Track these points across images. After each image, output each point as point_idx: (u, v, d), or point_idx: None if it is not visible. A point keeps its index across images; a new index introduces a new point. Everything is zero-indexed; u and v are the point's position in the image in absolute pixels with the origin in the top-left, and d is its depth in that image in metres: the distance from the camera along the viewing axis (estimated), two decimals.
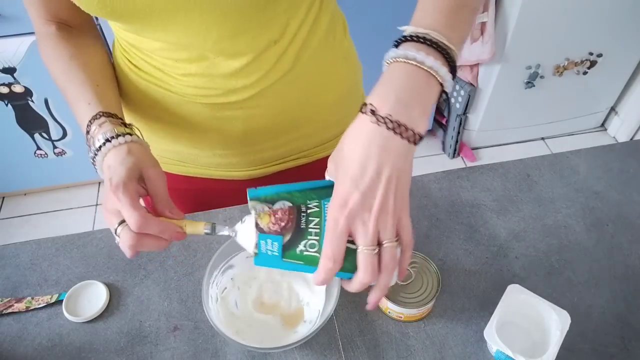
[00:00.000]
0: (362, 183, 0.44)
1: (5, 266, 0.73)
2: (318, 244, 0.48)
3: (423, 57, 0.45)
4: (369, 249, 0.45)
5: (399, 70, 0.45)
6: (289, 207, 0.50)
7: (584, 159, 0.83)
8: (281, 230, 0.49)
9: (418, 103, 0.44)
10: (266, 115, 0.68)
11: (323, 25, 0.67)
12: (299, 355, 0.62)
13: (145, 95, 0.68)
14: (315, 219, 0.49)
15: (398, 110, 0.44)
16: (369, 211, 0.44)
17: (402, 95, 0.44)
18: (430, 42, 0.46)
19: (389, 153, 0.44)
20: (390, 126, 0.43)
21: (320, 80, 0.70)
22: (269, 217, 0.50)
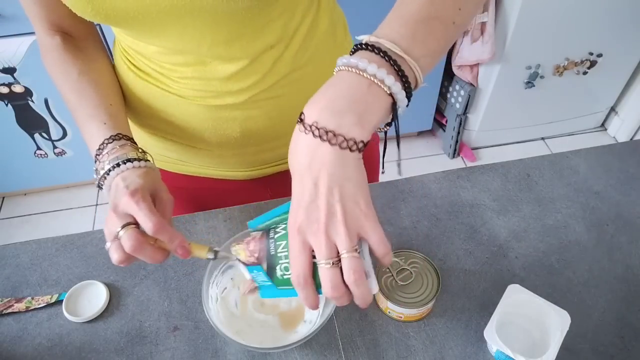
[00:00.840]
0: (302, 200, 0.43)
1: (5, 266, 0.73)
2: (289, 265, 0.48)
3: (365, 65, 0.43)
4: (324, 263, 0.43)
5: (340, 78, 0.44)
6: (260, 236, 0.51)
7: (584, 159, 0.83)
8: (257, 260, 0.50)
9: (352, 110, 0.42)
10: (264, 117, 0.68)
11: (322, 28, 0.67)
12: (299, 355, 0.62)
13: (144, 94, 0.68)
14: (282, 242, 0.49)
15: (325, 117, 0.42)
16: (317, 224, 0.42)
17: (332, 102, 0.43)
18: (378, 50, 0.44)
19: (321, 162, 0.42)
20: (317, 134, 0.42)
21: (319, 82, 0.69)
22: (244, 251, 0.51)
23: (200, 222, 0.77)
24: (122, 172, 0.55)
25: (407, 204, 0.78)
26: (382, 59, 0.43)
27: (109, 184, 0.55)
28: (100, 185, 0.57)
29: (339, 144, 0.42)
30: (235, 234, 0.64)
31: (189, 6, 0.53)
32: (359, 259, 0.43)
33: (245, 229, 0.64)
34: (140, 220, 0.51)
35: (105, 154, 0.57)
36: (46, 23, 0.64)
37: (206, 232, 0.75)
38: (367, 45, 0.44)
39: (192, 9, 0.54)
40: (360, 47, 0.45)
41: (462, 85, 1.93)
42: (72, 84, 0.63)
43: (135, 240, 0.51)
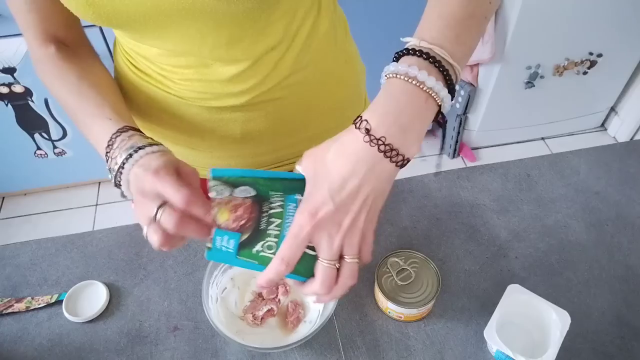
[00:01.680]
0: (338, 197, 0.43)
1: (5, 266, 0.73)
2: (276, 245, 0.47)
3: (424, 77, 0.43)
4: (330, 263, 0.44)
5: (398, 89, 0.44)
6: (251, 204, 0.48)
7: (584, 159, 0.83)
8: (239, 229, 0.47)
9: (415, 127, 0.43)
10: (264, 119, 0.68)
11: (322, 30, 0.66)
12: (299, 355, 0.62)
13: (144, 95, 0.68)
14: (277, 220, 0.48)
15: (393, 134, 0.42)
16: (338, 226, 0.43)
17: (400, 117, 0.43)
18: (432, 59, 0.44)
19: (374, 175, 0.43)
20: (382, 149, 0.42)
21: (320, 84, 0.70)
22: (228, 214, 0.47)
23: None
24: (137, 162, 0.51)
25: (407, 204, 0.78)
26: (438, 70, 0.44)
27: (127, 178, 0.52)
28: (117, 184, 0.53)
29: (396, 162, 0.43)
30: None
31: (191, 8, 0.53)
32: (357, 265, 0.45)
33: None
34: (169, 195, 0.47)
35: (116, 148, 0.54)
36: (39, 32, 0.63)
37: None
38: (421, 51, 0.44)
39: (194, 12, 0.54)
40: (412, 52, 0.45)
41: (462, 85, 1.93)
42: (70, 87, 0.62)
43: (176, 217, 0.46)
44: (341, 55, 0.72)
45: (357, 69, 0.77)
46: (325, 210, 0.43)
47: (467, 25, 0.47)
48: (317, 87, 0.69)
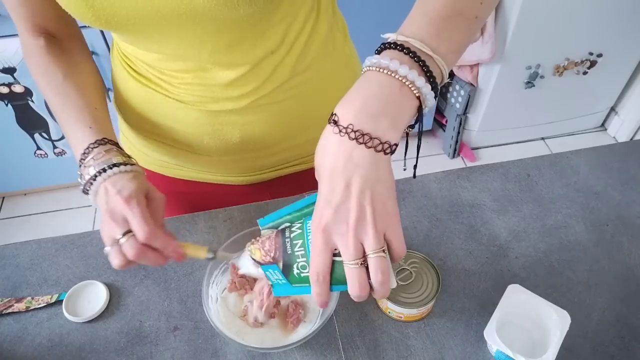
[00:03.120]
0: (333, 199, 0.43)
1: (5, 266, 0.73)
2: (307, 264, 0.48)
3: (396, 66, 0.42)
4: (353, 263, 0.43)
5: (370, 79, 0.43)
6: (275, 235, 0.51)
7: (584, 159, 0.83)
8: (273, 260, 0.50)
9: (386, 113, 0.42)
10: (263, 122, 0.68)
11: (321, 33, 0.66)
12: (299, 355, 0.62)
13: (143, 99, 0.68)
14: (299, 241, 0.49)
15: (361, 119, 0.42)
16: (346, 224, 0.43)
17: (367, 104, 0.42)
18: (407, 50, 0.44)
19: (355, 164, 0.42)
20: (353, 136, 0.42)
21: (319, 88, 0.70)
22: (259, 252, 0.51)
23: (200, 222, 0.77)
24: (109, 177, 0.55)
25: (407, 204, 0.78)
26: (412, 59, 0.43)
27: (96, 189, 0.56)
28: (85, 191, 0.57)
29: (374, 147, 0.42)
30: (236, 234, 0.64)
31: (191, 13, 0.53)
32: (385, 259, 0.43)
33: (245, 228, 0.64)
34: (134, 228, 0.52)
35: (91, 158, 0.57)
36: (30, 25, 0.63)
37: (206, 232, 0.75)
38: (396, 44, 0.44)
39: (194, 16, 0.54)
40: (388, 46, 0.45)
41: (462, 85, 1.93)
42: (56, 87, 0.63)
43: (137, 248, 0.52)
44: (340, 59, 0.72)
45: (357, 72, 0.77)
46: (327, 215, 0.43)
47: (454, 23, 0.46)
48: (316, 90, 0.69)
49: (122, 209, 0.53)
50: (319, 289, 0.46)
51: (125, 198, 0.53)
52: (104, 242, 0.55)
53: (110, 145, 0.59)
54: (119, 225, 0.53)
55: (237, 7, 0.53)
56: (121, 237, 0.52)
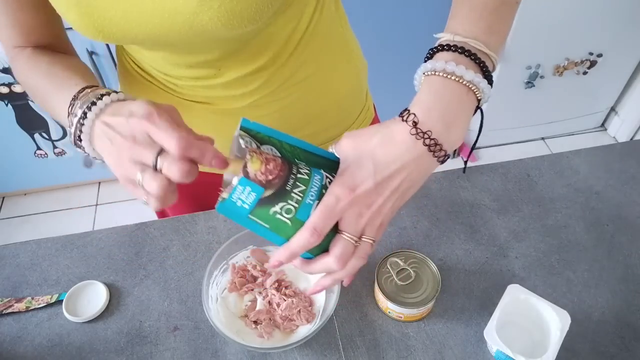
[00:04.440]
0: (380, 176, 0.44)
1: (5, 266, 0.73)
2: (295, 211, 0.45)
3: (463, 72, 0.44)
4: (352, 238, 0.45)
5: (440, 85, 0.44)
6: (281, 162, 0.45)
7: (584, 159, 0.83)
8: (265, 183, 0.44)
9: (459, 122, 0.44)
10: (265, 119, 0.68)
11: (324, 30, 0.67)
12: (299, 355, 0.62)
13: (147, 94, 0.69)
14: (302, 186, 0.45)
15: (439, 130, 0.43)
16: (368, 206, 0.45)
17: (445, 113, 0.44)
18: (468, 52, 0.44)
19: (417, 166, 0.44)
20: (427, 143, 0.43)
21: (321, 83, 0.70)
22: (259, 164, 0.44)
23: (200, 222, 0.77)
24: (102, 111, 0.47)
25: (407, 204, 0.77)
26: (474, 62, 0.44)
27: (89, 131, 0.47)
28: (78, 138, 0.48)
29: (438, 157, 0.44)
30: (236, 234, 0.64)
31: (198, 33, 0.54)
32: (371, 247, 0.47)
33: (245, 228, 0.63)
34: (165, 140, 0.43)
35: (77, 104, 0.49)
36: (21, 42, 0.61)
37: (206, 232, 0.75)
38: (455, 46, 0.45)
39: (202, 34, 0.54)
40: (446, 48, 0.45)
41: None
42: (41, 72, 0.58)
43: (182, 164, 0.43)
44: (342, 54, 0.72)
45: (359, 66, 0.77)
46: (365, 187, 0.44)
47: (500, 13, 0.47)
48: (318, 85, 0.70)
49: (145, 127, 0.44)
50: (302, 247, 0.44)
51: (146, 114, 0.44)
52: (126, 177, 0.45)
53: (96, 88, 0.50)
54: (147, 148, 0.43)
55: (243, 26, 0.53)
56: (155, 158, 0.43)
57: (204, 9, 0.50)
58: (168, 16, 0.52)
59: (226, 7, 0.50)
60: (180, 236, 0.75)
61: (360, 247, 0.46)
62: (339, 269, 0.46)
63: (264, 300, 0.64)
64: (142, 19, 0.53)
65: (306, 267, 0.48)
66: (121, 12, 0.52)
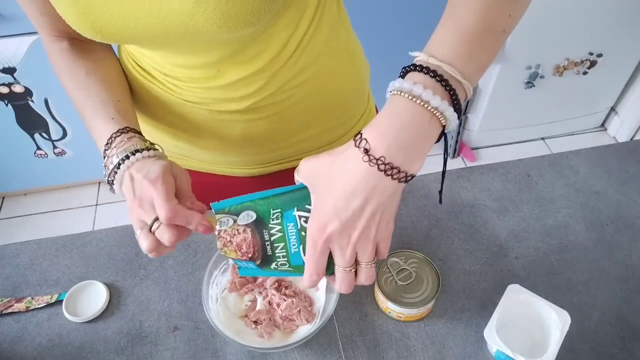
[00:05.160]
0: (344, 214, 0.44)
1: (5, 266, 0.73)
2: (287, 263, 0.51)
3: (429, 97, 0.42)
4: (345, 270, 0.47)
5: (401, 107, 0.43)
6: (252, 236, 0.51)
7: (584, 159, 0.83)
8: (250, 259, 0.51)
9: (416, 146, 0.43)
10: (265, 121, 0.68)
11: (324, 33, 0.66)
12: (299, 355, 0.62)
13: (147, 93, 0.69)
14: (280, 244, 0.50)
15: (393, 153, 0.42)
16: (348, 238, 0.45)
17: (400, 136, 0.42)
18: (440, 77, 0.43)
19: (377, 192, 0.43)
20: (382, 168, 0.42)
21: (321, 86, 0.70)
22: (235, 253, 0.51)
23: None
24: (133, 164, 0.54)
25: (407, 204, 0.78)
26: (444, 88, 0.43)
27: (120, 178, 0.55)
28: (110, 182, 0.56)
29: (398, 179, 0.43)
30: None
31: (195, 34, 0.54)
32: (373, 268, 0.48)
33: None
34: (157, 209, 0.51)
35: (114, 147, 0.56)
36: (53, 31, 0.64)
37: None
38: (428, 69, 0.43)
39: (199, 36, 0.54)
40: (419, 69, 0.44)
41: None
42: (78, 82, 0.63)
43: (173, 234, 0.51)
44: (344, 56, 0.72)
45: (361, 68, 0.76)
46: (333, 227, 0.44)
47: (483, 41, 0.45)
48: (319, 88, 0.69)
49: (150, 192, 0.52)
50: (312, 284, 0.49)
51: (152, 180, 0.52)
52: (134, 227, 0.54)
53: (133, 134, 0.58)
54: (148, 210, 0.52)
55: (240, 29, 0.53)
56: (152, 222, 0.52)
57: (199, 10, 0.51)
58: (164, 17, 0.52)
59: (222, 9, 0.51)
60: None
61: (360, 273, 0.48)
62: (349, 291, 0.48)
63: (264, 300, 0.64)
64: (138, 20, 0.53)
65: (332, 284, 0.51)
66: (118, 13, 0.53)
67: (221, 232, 0.51)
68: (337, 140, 0.78)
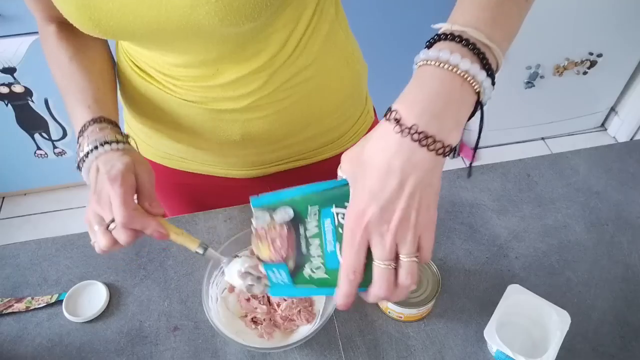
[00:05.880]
0: (381, 197, 0.40)
1: (5, 266, 0.73)
2: (323, 265, 0.47)
3: (457, 60, 0.40)
4: (384, 264, 0.42)
5: (429, 75, 0.41)
6: (287, 231, 0.48)
7: (584, 159, 0.83)
8: (283, 259, 0.47)
9: (450, 112, 0.40)
10: (264, 120, 0.68)
11: (323, 33, 0.66)
12: (299, 355, 0.62)
13: (146, 93, 0.69)
14: (316, 240, 0.47)
15: (426, 121, 0.39)
16: (387, 224, 0.41)
17: (431, 103, 0.40)
18: (466, 41, 0.41)
19: (414, 166, 0.40)
20: (416, 138, 0.39)
21: (320, 86, 0.70)
22: (268, 249, 0.48)
23: (200, 222, 0.77)
24: (100, 155, 0.55)
25: None
26: (471, 52, 0.41)
27: (88, 166, 0.56)
28: (79, 167, 0.58)
29: (436, 150, 0.40)
30: (236, 234, 0.64)
31: (195, 29, 0.54)
32: (416, 263, 0.43)
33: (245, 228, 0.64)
34: (114, 211, 0.52)
35: (86, 136, 0.57)
36: (45, 15, 0.65)
37: (206, 232, 0.75)
38: (453, 35, 0.41)
39: (198, 31, 0.54)
40: (443, 37, 0.42)
41: None
42: (62, 68, 0.64)
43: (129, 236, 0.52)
44: (342, 56, 0.72)
45: (358, 69, 0.76)
46: (371, 211, 0.41)
47: (505, 9, 0.44)
48: (317, 88, 0.69)
49: (109, 191, 0.52)
50: (350, 289, 0.44)
51: (111, 178, 0.52)
52: (89, 221, 0.54)
53: (106, 124, 0.59)
54: (106, 209, 0.53)
55: (240, 23, 0.53)
56: (109, 222, 0.53)
57: (200, 3, 0.50)
58: (165, 10, 0.52)
59: (223, 2, 0.50)
60: None
61: (401, 268, 0.43)
62: (389, 295, 0.44)
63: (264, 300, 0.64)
64: (138, 12, 0.53)
65: (367, 299, 0.46)
66: (118, 5, 0.52)
67: (258, 229, 0.48)
68: (336, 141, 0.78)
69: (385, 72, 1.72)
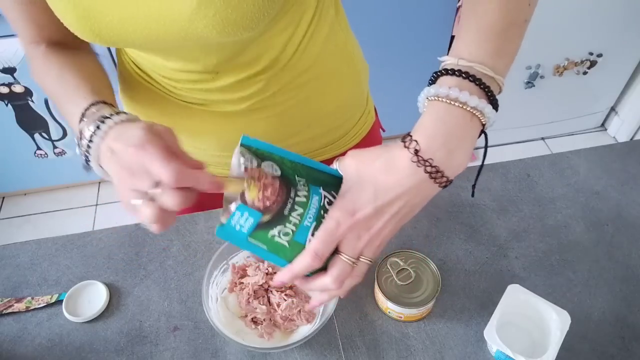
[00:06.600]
0: (380, 202, 0.44)
1: (5, 266, 0.73)
2: (292, 234, 0.46)
3: (467, 98, 0.43)
4: (350, 260, 0.46)
5: (443, 112, 0.44)
6: (279, 186, 0.46)
7: (584, 159, 0.83)
8: (263, 209, 0.45)
9: (462, 148, 0.44)
10: (265, 122, 0.68)
11: (323, 35, 0.66)
12: (299, 355, 0.62)
13: (146, 94, 0.69)
14: (300, 210, 0.47)
15: (441, 157, 0.43)
16: (367, 229, 0.45)
17: (448, 140, 0.44)
18: (473, 77, 0.44)
19: (417, 192, 0.45)
20: (429, 170, 0.43)
21: (320, 87, 0.70)
22: (257, 191, 0.45)
23: (200, 222, 0.77)
24: (106, 135, 0.48)
25: None
26: (479, 87, 0.44)
27: (96, 154, 0.49)
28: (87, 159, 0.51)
29: (440, 183, 0.45)
30: None
31: (193, 39, 0.54)
32: (368, 267, 0.48)
33: None
34: (158, 172, 0.43)
35: (85, 121, 0.51)
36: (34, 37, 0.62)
37: (206, 232, 0.75)
38: (460, 71, 0.45)
39: (197, 40, 0.54)
40: (451, 72, 0.45)
41: None
42: (53, 76, 0.60)
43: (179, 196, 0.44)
44: (343, 57, 0.72)
45: (359, 69, 0.76)
46: (365, 212, 0.45)
47: (508, 34, 0.46)
48: (318, 89, 0.69)
49: (140, 158, 0.44)
50: (303, 270, 0.46)
51: (138, 145, 0.44)
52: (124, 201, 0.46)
53: (103, 105, 0.53)
54: (143, 178, 0.44)
55: (239, 34, 0.53)
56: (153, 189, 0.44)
57: (199, 16, 0.51)
58: (163, 23, 0.52)
59: (221, 15, 0.50)
60: (180, 236, 0.75)
61: (357, 267, 0.47)
62: (336, 289, 0.47)
63: None
64: (138, 25, 0.53)
65: (304, 285, 0.49)
66: (118, 17, 0.52)
67: (248, 168, 0.45)
68: (337, 142, 0.78)
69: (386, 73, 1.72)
